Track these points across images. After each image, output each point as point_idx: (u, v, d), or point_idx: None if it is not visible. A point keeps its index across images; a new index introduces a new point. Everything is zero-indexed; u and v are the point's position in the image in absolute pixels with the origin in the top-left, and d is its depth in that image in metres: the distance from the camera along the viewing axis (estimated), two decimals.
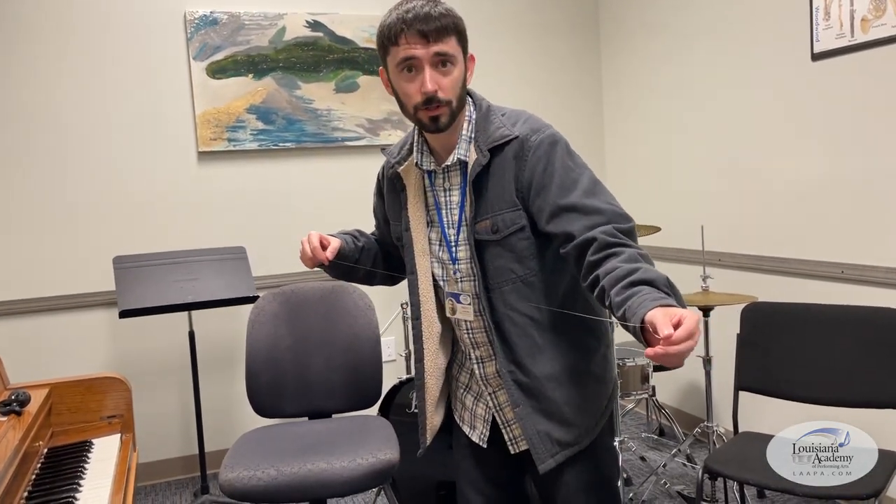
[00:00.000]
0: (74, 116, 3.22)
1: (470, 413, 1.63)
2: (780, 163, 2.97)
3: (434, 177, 1.51)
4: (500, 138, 1.42)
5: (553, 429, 1.47)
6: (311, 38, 3.54)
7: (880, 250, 2.58)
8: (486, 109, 1.47)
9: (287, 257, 3.55)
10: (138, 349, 3.35)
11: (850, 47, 2.60)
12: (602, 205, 1.36)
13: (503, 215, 1.42)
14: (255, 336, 2.51)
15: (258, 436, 2.33)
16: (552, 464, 1.47)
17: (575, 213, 1.35)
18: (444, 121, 1.39)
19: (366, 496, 3.09)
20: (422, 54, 1.35)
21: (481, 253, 1.45)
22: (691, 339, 1.05)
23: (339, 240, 1.60)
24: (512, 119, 1.45)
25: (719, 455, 2.22)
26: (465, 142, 1.45)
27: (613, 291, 1.21)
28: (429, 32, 1.34)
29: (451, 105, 1.39)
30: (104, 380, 2.02)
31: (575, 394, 1.48)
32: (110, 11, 3.25)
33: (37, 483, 1.63)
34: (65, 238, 3.23)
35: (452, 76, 1.38)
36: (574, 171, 1.40)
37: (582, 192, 1.37)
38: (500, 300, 1.45)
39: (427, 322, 1.56)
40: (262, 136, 3.48)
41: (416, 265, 1.55)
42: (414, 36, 1.34)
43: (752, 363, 2.42)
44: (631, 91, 3.90)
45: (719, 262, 3.26)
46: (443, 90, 1.36)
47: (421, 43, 1.34)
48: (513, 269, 1.44)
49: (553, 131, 1.43)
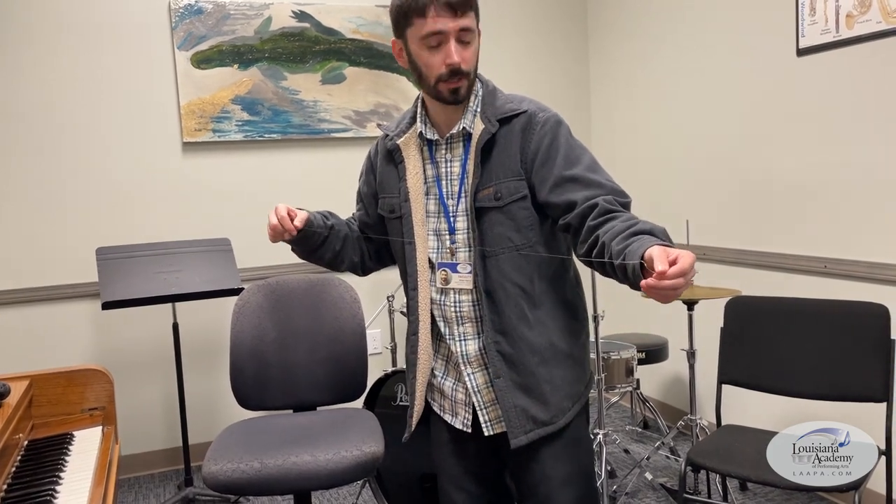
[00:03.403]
0: (57, 106, 3.18)
1: (450, 401, 1.63)
2: (765, 158, 2.99)
3: (435, 148, 1.55)
4: (509, 111, 1.48)
5: (530, 405, 1.50)
6: (298, 29, 3.51)
7: (863, 245, 2.60)
8: (493, 88, 1.55)
9: (272, 249, 3.52)
10: (121, 341, 3.32)
11: (836, 43, 2.62)
12: (603, 181, 1.44)
13: (507, 183, 1.47)
14: (240, 328, 2.49)
15: (242, 428, 2.31)
16: (524, 440, 1.49)
17: (578, 184, 1.42)
18: (464, 92, 1.46)
19: (350, 489, 3.09)
20: (451, 27, 1.40)
21: (481, 220, 1.49)
22: (682, 278, 1.10)
23: (307, 213, 1.58)
24: (517, 98, 1.53)
25: (702, 448, 2.23)
26: (471, 114, 1.51)
27: (614, 242, 1.27)
28: (457, 6, 1.40)
29: (470, 77, 1.46)
30: (86, 371, 2.00)
31: (555, 372, 1.51)
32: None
33: (16, 476, 1.61)
34: (47, 229, 3.19)
35: (472, 49, 1.45)
36: (577, 150, 1.48)
37: (584, 167, 1.45)
38: (496, 268, 1.48)
39: (422, 293, 1.57)
40: (248, 128, 3.45)
41: (415, 234, 1.56)
42: (443, 9, 1.39)
43: (735, 357, 2.43)
44: (617, 85, 3.91)
45: (704, 256, 3.28)
46: (465, 62, 1.43)
47: (449, 16, 1.40)
48: (511, 238, 1.48)
49: (557, 113, 1.51)
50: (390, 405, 2.71)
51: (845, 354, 2.24)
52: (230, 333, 2.49)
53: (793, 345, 2.34)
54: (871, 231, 2.57)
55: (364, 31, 3.63)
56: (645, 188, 3.74)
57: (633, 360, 2.96)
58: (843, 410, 2.37)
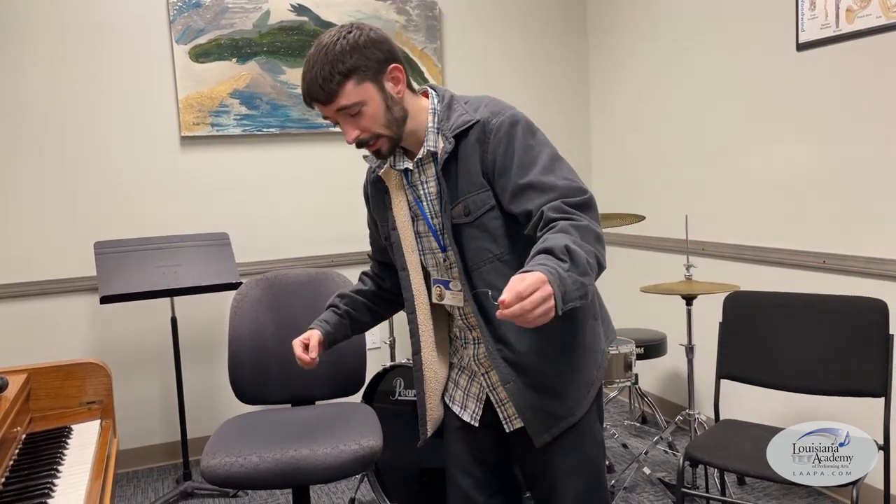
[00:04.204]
0: (55, 100, 3.17)
1: (463, 392, 1.65)
2: (763, 153, 2.98)
3: (410, 174, 1.56)
4: (462, 124, 1.46)
5: (546, 402, 1.50)
6: (296, 23, 3.50)
7: (861, 240, 2.60)
8: (449, 99, 1.52)
9: (270, 244, 3.52)
10: (120, 335, 3.32)
11: (835, 37, 2.61)
12: (558, 181, 1.39)
13: (473, 197, 1.46)
14: (238, 322, 2.49)
15: (241, 422, 2.31)
16: (547, 437, 1.50)
17: (532, 192, 1.39)
18: (385, 150, 1.48)
19: (349, 483, 3.09)
20: (329, 113, 1.45)
21: (459, 236, 1.49)
22: (520, 303, 1.13)
23: (318, 330, 1.72)
24: (474, 105, 1.49)
25: (700, 442, 2.24)
26: (433, 133, 1.49)
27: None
28: (322, 100, 1.42)
29: (382, 134, 1.45)
30: (84, 365, 1.99)
31: (564, 366, 1.51)
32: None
33: (14, 469, 1.61)
34: (45, 223, 3.18)
35: (367, 116, 1.43)
36: (534, 150, 1.43)
37: (540, 169, 1.41)
38: (481, 280, 1.49)
39: (422, 315, 1.61)
40: (246, 122, 3.44)
41: (406, 261, 1.59)
42: (313, 103, 1.44)
43: (733, 351, 2.43)
44: (617, 81, 3.90)
45: (703, 251, 3.28)
46: (364, 131, 1.44)
47: (321, 107, 1.44)
48: (489, 249, 1.48)
49: (514, 112, 1.46)
50: (389, 400, 2.71)
51: (844, 349, 2.24)
52: (228, 327, 2.49)
53: (791, 340, 2.34)
54: (870, 226, 2.57)
55: None
56: (644, 183, 3.73)
57: (631, 355, 2.96)
58: (841, 405, 2.37)
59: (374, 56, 1.42)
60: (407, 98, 1.49)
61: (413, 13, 3.70)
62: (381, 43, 1.43)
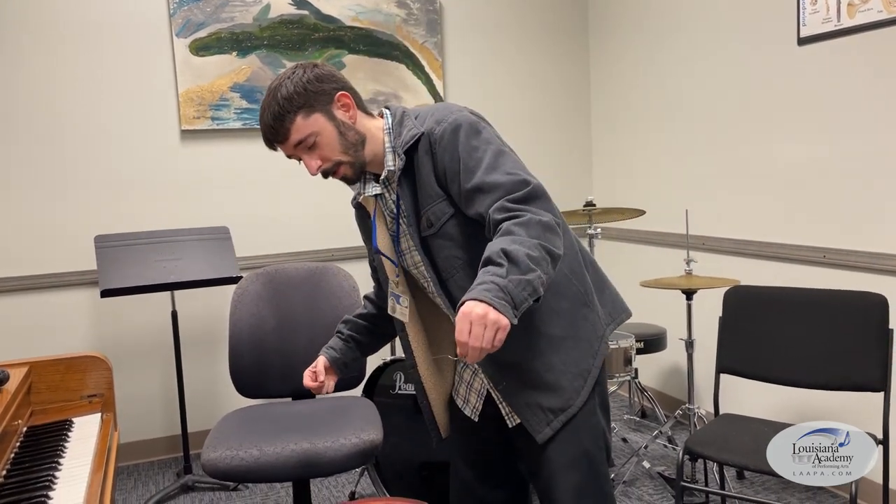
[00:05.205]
0: (55, 93, 3.16)
1: (466, 386, 1.66)
2: (764, 148, 2.98)
3: (381, 198, 1.58)
4: (410, 139, 1.47)
5: (542, 397, 1.50)
6: (297, 16, 3.49)
7: (861, 235, 2.60)
8: (401, 116, 1.54)
9: (270, 237, 3.52)
10: (120, 329, 3.32)
11: (837, 32, 2.61)
12: (501, 178, 1.39)
13: (433, 208, 1.48)
14: (239, 316, 2.49)
15: (241, 416, 2.32)
16: (549, 432, 1.50)
17: (481, 194, 1.40)
18: (350, 175, 1.52)
19: (349, 476, 3.10)
20: (290, 151, 1.51)
21: (429, 248, 1.51)
22: (471, 344, 1.19)
23: (324, 356, 1.77)
24: (422, 118, 1.51)
25: (700, 436, 2.24)
26: (390, 153, 1.52)
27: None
28: (279, 139, 1.48)
29: (342, 161, 1.49)
30: (84, 358, 2.00)
31: (554, 359, 1.50)
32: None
33: (15, 462, 1.61)
34: (46, 216, 3.18)
35: (322, 145, 1.48)
36: (478, 151, 1.43)
37: (484, 169, 1.41)
38: (456, 287, 1.51)
39: (412, 333, 1.63)
40: (246, 115, 3.44)
41: (390, 283, 1.63)
42: (274, 144, 1.51)
43: (733, 346, 2.44)
44: (618, 75, 3.89)
45: (703, 245, 3.28)
46: (324, 161, 1.49)
47: (281, 146, 1.50)
48: (458, 256, 1.50)
49: (456, 117, 1.46)
50: (389, 393, 2.71)
51: (844, 344, 2.24)
52: (229, 321, 2.49)
53: (791, 334, 2.34)
54: (871, 221, 2.57)
55: (363, 19, 3.61)
56: (645, 178, 3.73)
57: (631, 350, 2.96)
58: (840, 400, 2.38)
59: (319, 88, 1.48)
60: (362, 121, 1.52)
61: (413, 7, 3.69)
62: (325, 76, 1.49)
